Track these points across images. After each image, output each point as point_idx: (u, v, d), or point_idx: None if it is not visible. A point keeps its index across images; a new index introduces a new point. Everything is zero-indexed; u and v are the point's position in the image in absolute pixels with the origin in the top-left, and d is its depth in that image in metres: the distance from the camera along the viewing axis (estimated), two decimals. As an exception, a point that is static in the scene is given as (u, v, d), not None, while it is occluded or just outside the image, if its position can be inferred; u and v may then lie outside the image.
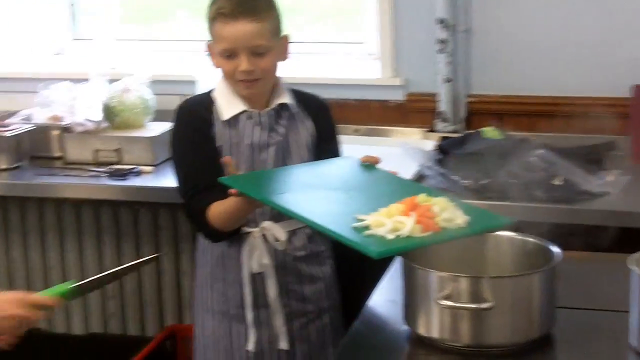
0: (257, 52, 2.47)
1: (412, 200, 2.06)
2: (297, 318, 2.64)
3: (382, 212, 2.02)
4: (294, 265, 2.62)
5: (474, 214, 2.08)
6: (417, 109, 3.78)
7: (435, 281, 1.99)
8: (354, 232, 1.97)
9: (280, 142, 2.57)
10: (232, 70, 2.49)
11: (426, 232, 1.98)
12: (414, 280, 2.05)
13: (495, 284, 1.97)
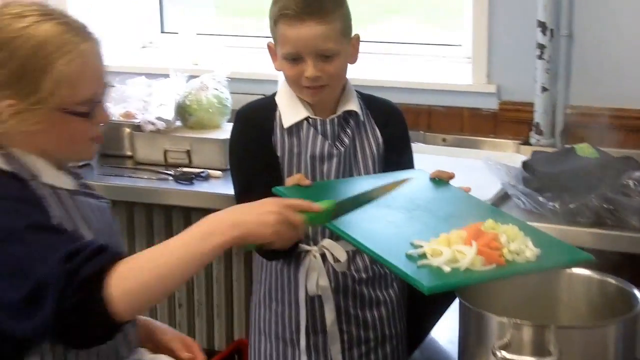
0: (325, 55, 2.29)
1: (477, 227, 1.87)
2: (357, 346, 2.46)
3: (441, 238, 1.84)
4: (355, 288, 2.43)
5: (547, 246, 1.90)
6: (512, 119, 3.55)
7: (493, 326, 1.76)
8: (407, 261, 1.80)
9: (344, 153, 2.39)
10: (297, 75, 2.32)
11: (489, 266, 1.79)
12: (469, 322, 1.83)
13: (562, 335, 1.72)
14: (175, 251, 1.57)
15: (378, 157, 2.43)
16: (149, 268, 1.55)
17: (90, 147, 1.82)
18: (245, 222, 1.63)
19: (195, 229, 1.60)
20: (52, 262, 1.53)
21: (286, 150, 2.38)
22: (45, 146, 1.76)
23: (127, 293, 1.52)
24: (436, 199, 2.14)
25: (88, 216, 1.79)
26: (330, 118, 2.38)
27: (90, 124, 1.77)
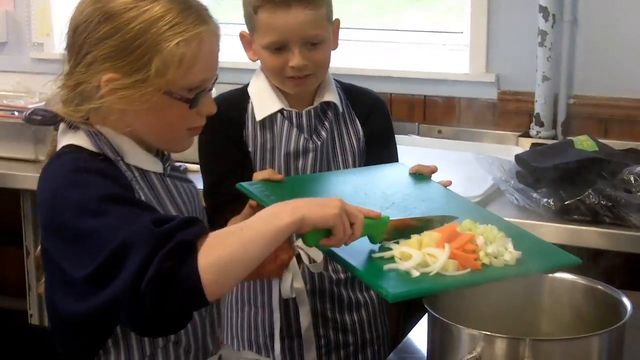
0: (312, 42, 2.15)
1: (452, 228, 1.74)
2: (335, 351, 2.33)
3: (412, 240, 1.70)
4: (333, 289, 2.31)
5: (531, 249, 1.76)
6: (511, 110, 3.41)
7: (462, 339, 1.59)
8: (371, 264, 1.68)
9: (321, 148, 2.25)
10: (281, 65, 2.17)
11: (462, 270, 1.66)
12: (437, 334, 1.65)
13: (539, 349, 1.55)
14: (254, 227, 1.50)
15: (359, 152, 2.30)
16: (233, 240, 1.47)
17: (186, 138, 1.70)
18: (307, 205, 1.56)
19: (264, 212, 1.55)
20: (138, 227, 1.44)
21: (258, 145, 2.24)
22: (139, 129, 1.64)
23: (215, 265, 1.44)
24: (413, 196, 1.99)
25: (177, 200, 1.69)
26: (306, 110, 2.24)
27: (193, 113, 1.64)
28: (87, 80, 1.59)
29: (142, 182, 1.64)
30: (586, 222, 2.52)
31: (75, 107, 1.62)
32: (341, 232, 1.58)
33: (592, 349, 1.58)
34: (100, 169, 1.56)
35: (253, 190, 1.94)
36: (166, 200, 1.67)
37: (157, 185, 1.67)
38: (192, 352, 1.69)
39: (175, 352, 1.67)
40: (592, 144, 2.68)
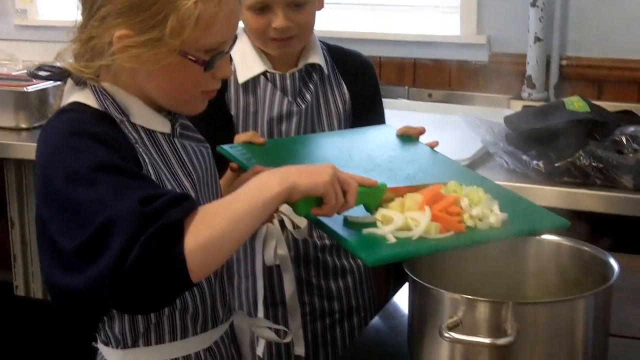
0: (296, 4, 2.09)
1: (436, 190, 1.68)
2: (321, 319, 2.29)
3: (395, 203, 1.64)
4: (318, 256, 2.25)
5: (518, 211, 1.72)
6: (503, 72, 3.34)
7: (443, 304, 1.53)
8: (351, 228, 1.62)
9: (306, 111, 2.18)
10: (264, 27, 2.11)
11: (445, 233, 1.61)
12: (418, 299, 1.60)
13: (522, 312, 1.48)
14: (243, 199, 1.45)
15: (345, 115, 2.24)
16: (222, 216, 1.41)
17: (199, 102, 1.62)
18: (297, 173, 1.50)
19: (253, 182, 1.48)
20: (124, 204, 1.37)
21: (241, 109, 2.18)
22: (150, 89, 1.56)
23: (202, 246, 1.38)
24: (398, 158, 1.95)
25: (187, 162, 1.61)
26: (290, 72, 2.18)
27: (207, 76, 1.56)
28: (99, 35, 1.51)
29: (149, 144, 1.56)
30: (577, 184, 2.48)
31: (86, 62, 1.54)
32: (333, 200, 1.52)
33: (577, 312, 1.53)
34: (98, 133, 1.48)
35: (234, 153, 1.89)
36: (174, 162, 1.58)
37: (164, 147, 1.58)
38: (200, 319, 1.63)
39: (182, 319, 1.61)
40: (584, 105, 2.62)
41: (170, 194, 1.41)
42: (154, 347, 1.60)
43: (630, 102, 3.10)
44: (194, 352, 1.64)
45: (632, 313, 1.81)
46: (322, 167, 1.53)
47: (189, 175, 1.59)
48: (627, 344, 1.70)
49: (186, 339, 1.63)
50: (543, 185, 2.49)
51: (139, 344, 1.59)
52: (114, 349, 1.60)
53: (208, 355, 1.66)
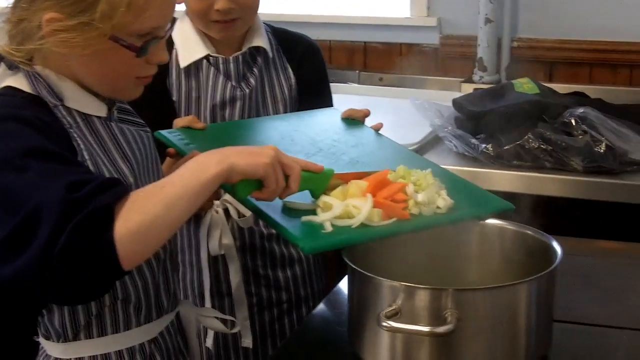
0: None
1: (381, 177, 1.64)
2: (268, 309, 2.24)
3: (337, 190, 1.61)
4: (264, 245, 2.20)
5: (464, 196, 1.68)
6: (454, 55, 3.34)
7: (382, 291, 1.49)
8: (289, 215, 1.58)
9: (250, 96, 2.12)
10: (205, 8, 2.05)
11: (388, 220, 1.57)
12: (357, 288, 1.56)
13: (463, 299, 1.45)
14: (177, 182, 1.39)
15: (290, 100, 2.19)
16: (154, 200, 1.35)
17: (134, 87, 1.55)
18: (237, 153, 1.45)
19: (190, 164, 1.43)
20: (51, 191, 1.30)
21: (183, 94, 2.12)
22: (82, 75, 1.50)
23: (134, 232, 1.32)
24: (342, 142, 1.90)
25: (125, 146, 1.54)
26: (233, 56, 2.12)
27: (141, 62, 1.50)
28: (28, 17, 1.44)
29: (85, 129, 1.49)
30: (526, 167, 2.45)
31: (17, 45, 1.48)
32: (273, 183, 1.48)
33: (519, 297, 1.50)
34: (28, 118, 1.42)
35: (172, 139, 1.84)
36: (111, 147, 1.52)
37: (101, 132, 1.52)
38: (144, 309, 1.58)
39: (125, 310, 1.56)
40: (533, 87, 2.59)
41: (100, 178, 1.35)
42: (96, 340, 1.55)
43: (582, 83, 3.08)
44: (139, 344, 1.59)
45: (577, 298, 1.78)
46: (264, 148, 1.48)
47: (127, 160, 1.53)
48: (572, 329, 1.67)
49: (130, 331, 1.58)
50: (492, 169, 2.47)
51: (80, 337, 1.55)
52: (55, 343, 1.55)
53: (153, 347, 1.62)
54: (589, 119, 2.42)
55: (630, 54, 3.05)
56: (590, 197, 2.35)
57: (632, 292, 1.81)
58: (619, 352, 1.60)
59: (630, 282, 1.86)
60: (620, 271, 1.92)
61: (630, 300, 1.78)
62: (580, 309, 1.75)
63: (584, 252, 1.98)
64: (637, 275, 1.86)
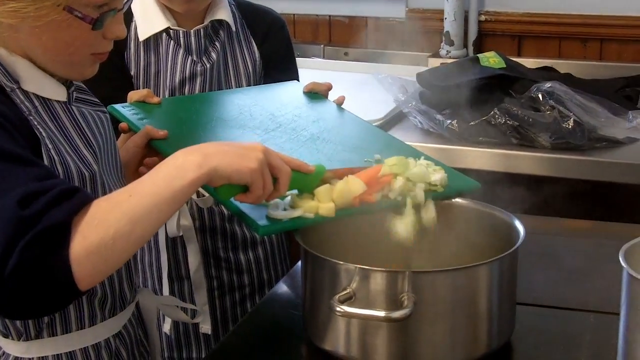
0: None
1: (372, 174, 1.56)
2: (230, 293, 2.18)
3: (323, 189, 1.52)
4: (225, 226, 2.14)
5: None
6: (421, 29, 3.23)
7: (336, 274, 1.43)
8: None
9: (211, 70, 2.06)
10: None
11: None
12: (310, 269, 1.50)
13: (420, 282, 1.39)
14: (147, 191, 1.28)
15: (254, 76, 2.13)
16: (118, 214, 1.25)
17: (89, 65, 1.46)
18: (223, 153, 1.34)
19: (164, 167, 1.31)
20: (0, 205, 1.22)
21: (141, 68, 2.06)
22: (34, 51, 1.41)
23: (92, 252, 1.23)
24: (303, 117, 1.84)
25: (87, 131, 1.47)
26: (195, 29, 2.05)
27: (97, 36, 1.42)
28: None
29: (44, 114, 1.41)
30: (492, 144, 2.39)
31: None
32: (260, 189, 1.38)
33: (480, 280, 1.44)
34: None
35: (125, 113, 1.77)
36: (73, 133, 1.44)
37: (61, 117, 1.44)
38: (109, 303, 1.51)
39: (90, 305, 1.48)
40: (500, 61, 2.53)
41: (57, 187, 1.25)
42: (60, 338, 1.47)
43: (552, 57, 3.02)
44: (104, 340, 1.52)
45: (541, 279, 1.73)
46: (251, 149, 1.37)
47: (89, 145, 1.45)
48: (536, 312, 1.62)
49: (95, 326, 1.50)
50: (458, 146, 2.41)
51: (43, 334, 1.46)
52: (15, 341, 1.47)
53: (118, 342, 1.55)
54: (557, 94, 2.35)
55: (600, 28, 2.99)
56: (558, 174, 2.30)
57: (598, 273, 1.75)
58: (585, 336, 1.55)
59: (596, 262, 1.80)
60: (587, 251, 1.87)
61: (597, 281, 1.72)
62: (544, 290, 1.70)
63: (550, 231, 1.93)
64: (604, 256, 1.80)
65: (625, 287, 1.34)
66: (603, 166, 2.31)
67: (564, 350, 1.50)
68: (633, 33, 2.94)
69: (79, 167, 1.40)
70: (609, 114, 2.45)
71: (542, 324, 1.58)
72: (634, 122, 2.45)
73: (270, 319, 1.65)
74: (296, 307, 1.62)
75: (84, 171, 1.41)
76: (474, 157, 2.36)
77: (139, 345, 1.62)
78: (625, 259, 1.34)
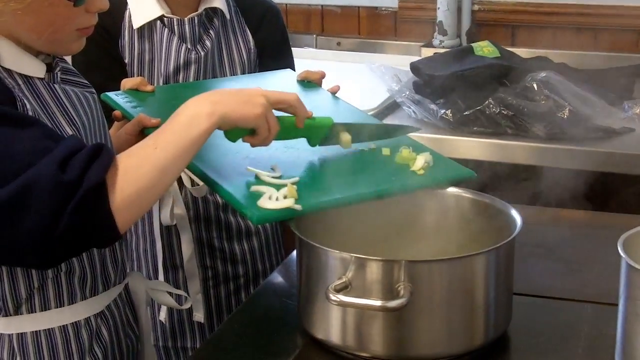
0: None
1: None
2: (224, 283, 2.17)
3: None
4: (220, 216, 2.13)
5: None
6: (414, 19, 3.22)
7: (332, 263, 1.42)
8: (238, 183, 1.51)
9: (205, 59, 2.05)
10: None
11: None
12: (305, 258, 1.49)
13: (416, 271, 1.38)
14: (169, 141, 1.39)
15: (249, 64, 2.11)
16: (148, 166, 1.36)
17: (75, 40, 1.48)
18: (227, 101, 1.44)
19: (180, 117, 1.41)
20: (43, 167, 1.29)
21: (135, 56, 2.04)
22: (19, 32, 1.41)
23: (129, 200, 1.34)
24: None
25: (70, 109, 1.48)
26: (189, 17, 2.04)
27: (80, 11, 1.43)
28: None
29: (27, 91, 1.41)
30: (487, 133, 2.37)
31: None
32: (265, 131, 1.48)
33: (477, 270, 1.43)
34: None
35: (118, 101, 1.77)
36: (55, 110, 1.44)
37: (43, 94, 1.44)
38: (89, 282, 1.51)
39: (69, 283, 1.49)
40: (494, 50, 2.51)
41: (84, 150, 1.32)
42: (38, 314, 1.48)
43: (545, 47, 2.99)
44: (84, 318, 1.52)
45: (538, 269, 1.71)
46: (254, 95, 1.46)
47: (72, 123, 1.46)
48: (532, 303, 1.60)
49: (75, 304, 1.51)
50: (452, 136, 2.39)
51: (21, 310, 1.47)
52: None
53: (100, 321, 1.55)
54: (552, 83, 2.34)
55: (595, 17, 2.96)
56: (553, 164, 2.27)
57: (595, 263, 1.73)
58: (582, 326, 1.54)
59: (593, 252, 1.79)
60: (583, 241, 1.86)
61: (594, 272, 1.71)
62: (541, 281, 1.68)
63: (546, 222, 1.92)
64: (600, 246, 1.78)
65: (623, 278, 1.33)
66: (598, 156, 2.29)
67: (561, 341, 1.49)
68: (627, 23, 2.92)
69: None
70: (604, 104, 2.43)
71: (539, 315, 1.57)
72: (629, 112, 2.44)
73: (265, 309, 1.64)
74: (291, 296, 1.61)
75: None
76: (468, 147, 2.34)
77: (125, 327, 1.62)
78: (623, 248, 1.33)
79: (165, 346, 2.15)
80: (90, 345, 1.53)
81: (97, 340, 1.54)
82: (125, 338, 1.61)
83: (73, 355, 1.51)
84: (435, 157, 1.65)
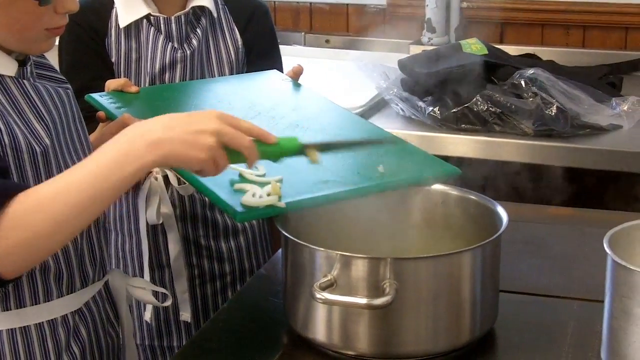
0: None
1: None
2: (211, 282, 2.16)
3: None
4: (206, 214, 2.12)
5: (405, 160, 1.61)
6: (402, 16, 3.22)
7: (317, 261, 1.42)
8: (222, 183, 1.48)
9: (192, 58, 2.03)
10: None
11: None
12: (290, 256, 1.49)
13: (402, 269, 1.37)
14: (82, 185, 1.25)
15: (237, 63, 2.10)
16: (42, 215, 1.25)
17: (44, 40, 1.45)
18: (170, 141, 1.26)
19: (107, 152, 1.26)
20: None
21: (122, 55, 2.03)
22: None
23: (12, 251, 1.26)
24: (282, 105, 1.82)
25: (40, 105, 1.44)
26: (175, 15, 2.02)
27: (48, 11, 1.39)
28: None
29: None
30: (475, 131, 2.37)
31: None
32: (211, 173, 1.31)
33: (463, 267, 1.42)
34: None
35: (102, 102, 1.76)
36: (25, 107, 1.42)
37: (13, 91, 1.42)
38: (65, 279, 1.48)
39: (44, 280, 1.46)
40: (482, 47, 2.50)
41: None
42: (13, 312, 1.45)
43: (534, 45, 3.01)
44: (61, 316, 1.49)
45: (525, 267, 1.71)
46: (202, 132, 1.27)
47: (42, 120, 1.43)
48: (519, 300, 1.60)
49: (51, 302, 1.48)
50: (439, 133, 2.38)
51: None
52: None
53: (77, 319, 1.53)
54: (540, 80, 2.33)
55: (583, 15, 2.97)
56: (541, 161, 2.28)
57: (582, 260, 1.73)
58: (568, 324, 1.53)
59: (580, 250, 1.78)
60: (570, 239, 1.85)
61: (580, 269, 1.70)
62: (527, 278, 1.68)
63: (533, 219, 1.91)
64: (587, 243, 1.78)
65: (609, 274, 1.33)
66: (586, 153, 2.28)
67: (547, 338, 1.48)
68: (616, 20, 2.93)
69: (29, 141, 1.38)
70: (592, 101, 2.43)
71: (526, 312, 1.56)
72: (617, 109, 2.43)
73: (250, 307, 1.63)
74: (277, 294, 1.60)
75: (34, 145, 1.39)
76: (456, 144, 2.34)
77: (104, 324, 1.60)
78: (609, 245, 1.33)
79: (151, 345, 2.14)
80: (67, 343, 1.51)
81: (75, 338, 1.52)
82: (105, 335, 1.59)
83: (50, 353, 1.48)
84: (420, 154, 1.65)
